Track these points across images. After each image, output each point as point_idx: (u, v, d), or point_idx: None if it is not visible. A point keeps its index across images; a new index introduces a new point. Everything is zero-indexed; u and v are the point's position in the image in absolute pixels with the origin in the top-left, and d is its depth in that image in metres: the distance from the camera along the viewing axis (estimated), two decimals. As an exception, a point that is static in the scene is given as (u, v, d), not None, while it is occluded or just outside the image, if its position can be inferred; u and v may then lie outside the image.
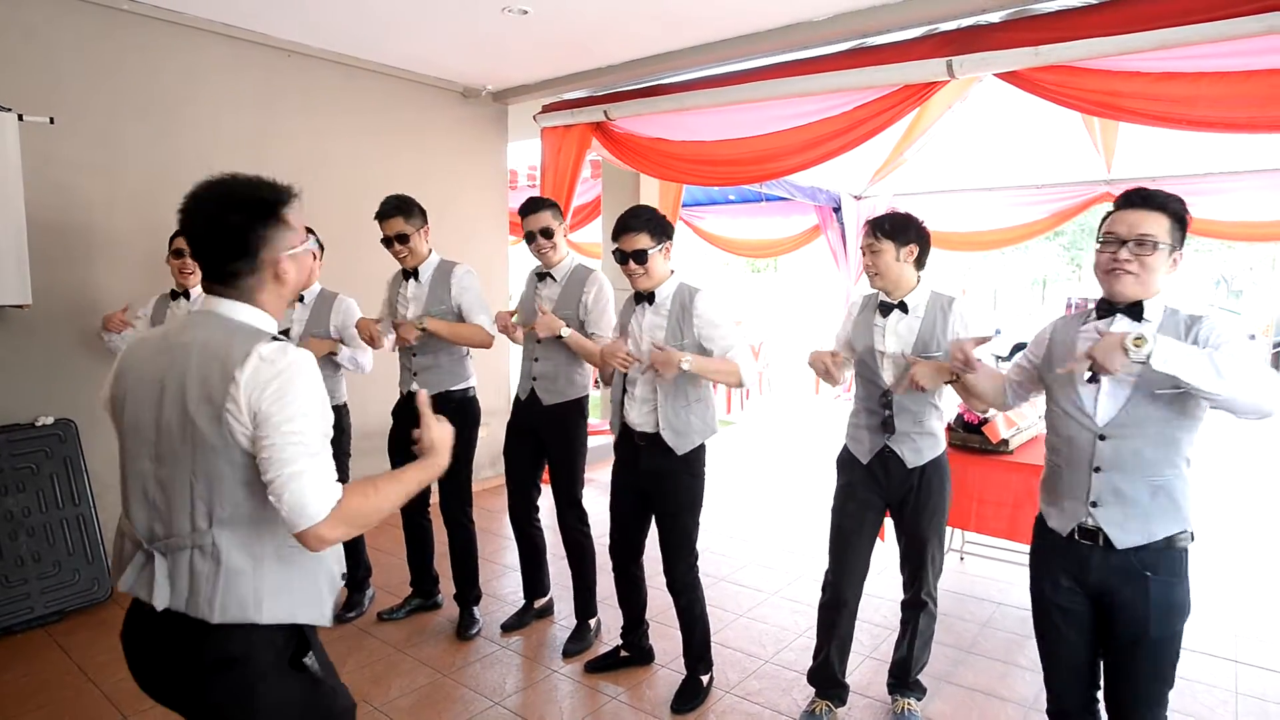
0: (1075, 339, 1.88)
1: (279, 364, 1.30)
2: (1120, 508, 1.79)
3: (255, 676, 1.34)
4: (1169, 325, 1.76)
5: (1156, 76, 3.07)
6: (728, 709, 2.77)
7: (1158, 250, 1.73)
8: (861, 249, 2.47)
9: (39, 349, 3.49)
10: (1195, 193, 6.37)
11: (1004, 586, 3.83)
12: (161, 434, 1.34)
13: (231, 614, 1.31)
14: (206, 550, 1.32)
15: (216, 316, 1.38)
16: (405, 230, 3.06)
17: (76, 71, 3.52)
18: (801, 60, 4.00)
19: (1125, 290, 1.77)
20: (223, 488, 1.32)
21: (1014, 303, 19.86)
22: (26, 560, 3.31)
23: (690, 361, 2.48)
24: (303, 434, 1.29)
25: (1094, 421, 1.80)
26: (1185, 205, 1.78)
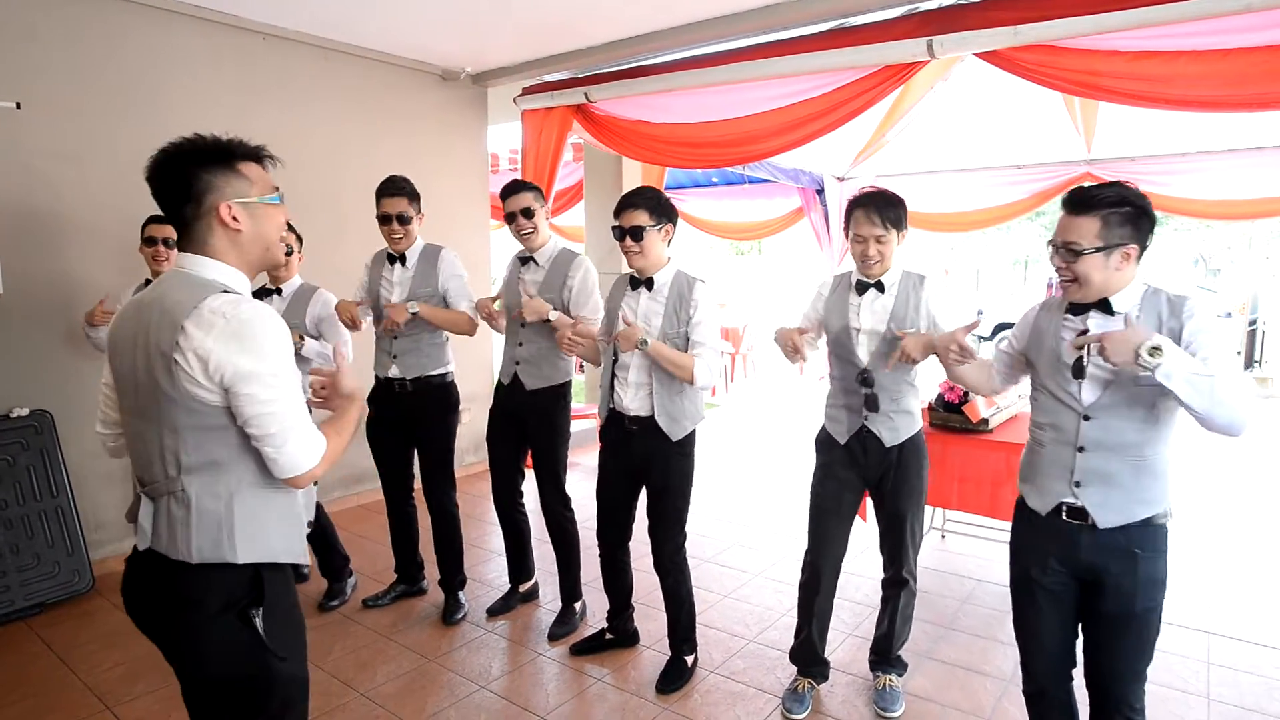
0: (1058, 328, 1.88)
1: (232, 316, 1.33)
2: (1103, 488, 1.81)
3: (204, 619, 1.40)
4: (1149, 306, 1.76)
5: (1134, 55, 3.08)
6: (712, 688, 2.80)
7: (1084, 256, 1.73)
8: (860, 237, 2.42)
9: (12, 339, 3.43)
10: (1173, 172, 6.43)
11: (984, 563, 3.89)
12: (136, 389, 1.40)
13: (207, 555, 1.38)
14: (179, 496, 1.38)
15: (182, 273, 1.42)
16: (408, 211, 3.04)
17: (44, 56, 3.43)
18: (782, 41, 3.98)
19: (1073, 296, 1.81)
20: (185, 436, 1.37)
21: (996, 283, 19.99)
22: (5, 553, 3.27)
23: (649, 344, 2.50)
24: (283, 389, 1.36)
25: (1079, 402, 1.82)
26: (1126, 196, 1.72)
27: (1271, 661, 2.95)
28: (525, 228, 3.00)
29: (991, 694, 2.75)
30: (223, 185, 1.41)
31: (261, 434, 1.36)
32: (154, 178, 1.41)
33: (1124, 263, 1.74)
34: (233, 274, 1.44)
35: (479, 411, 5.51)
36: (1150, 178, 6.41)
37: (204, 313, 1.33)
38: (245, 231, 1.44)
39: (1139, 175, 6.42)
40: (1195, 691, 2.75)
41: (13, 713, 2.63)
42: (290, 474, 1.40)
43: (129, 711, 2.61)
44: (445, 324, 3.11)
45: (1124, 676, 1.85)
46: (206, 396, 1.34)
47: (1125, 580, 1.79)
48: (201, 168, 1.40)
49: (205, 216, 1.41)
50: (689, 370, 2.52)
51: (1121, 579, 1.80)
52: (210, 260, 1.42)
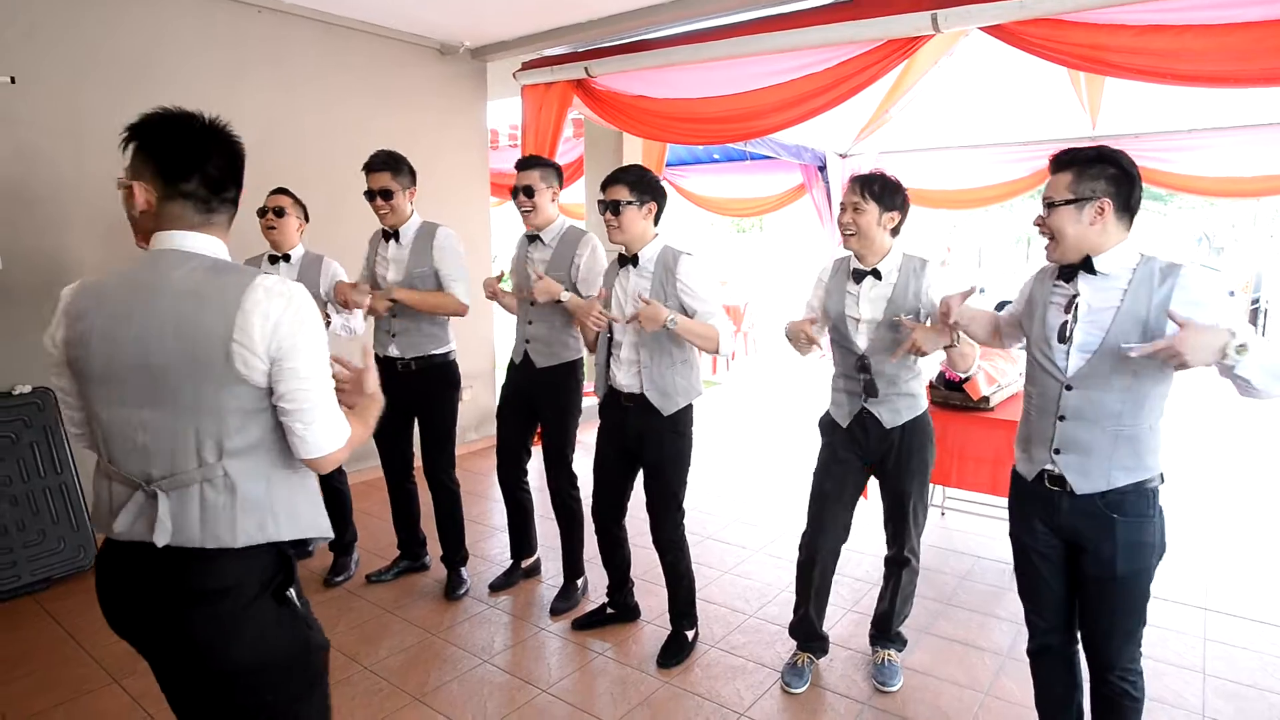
0: (1048, 294, 1.90)
1: (287, 296, 1.34)
2: (1080, 455, 1.83)
3: (238, 608, 1.36)
4: (1143, 273, 1.75)
5: (1141, 29, 3.05)
6: (712, 662, 2.83)
7: (1055, 209, 1.76)
8: (842, 204, 2.43)
9: (12, 316, 3.43)
10: (1178, 148, 6.38)
11: (984, 540, 3.91)
12: (152, 378, 1.32)
13: (253, 536, 1.36)
14: (217, 482, 1.34)
15: (184, 252, 1.37)
16: (390, 187, 3.00)
17: (38, 30, 3.39)
18: (785, 14, 3.93)
19: (1051, 255, 1.83)
20: (229, 420, 1.34)
21: (998, 261, 19.91)
22: (11, 529, 3.30)
23: (676, 320, 2.48)
24: (321, 372, 1.37)
25: (1062, 372, 1.84)
26: (1103, 153, 1.74)
27: (1267, 638, 2.98)
28: (524, 205, 2.98)
29: (989, 669, 2.78)
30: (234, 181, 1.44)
31: (294, 409, 1.34)
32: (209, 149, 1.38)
33: (1098, 218, 1.74)
34: (222, 246, 1.42)
35: (481, 389, 5.53)
36: (1155, 154, 6.36)
37: (259, 291, 1.31)
38: None
39: (1144, 152, 6.37)
40: (1191, 667, 2.78)
41: (23, 685, 2.66)
42: (316, 454, 1.38)
43: (135, 685, 2.64)
44: (429, 307, 3.07)
45: (1113, 636, 1.88)
46: (255, 377, 1.32)
47: (1104, 545, 1.82)
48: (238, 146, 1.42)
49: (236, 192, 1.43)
50: (715, 339, 2.53)
51: (1100, 544, 1.82)
52: (207, 236, 1.40)
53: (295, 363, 1.33)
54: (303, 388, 1.34)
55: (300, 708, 1.47)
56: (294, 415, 1.35)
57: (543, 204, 2.98)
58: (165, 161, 1.36)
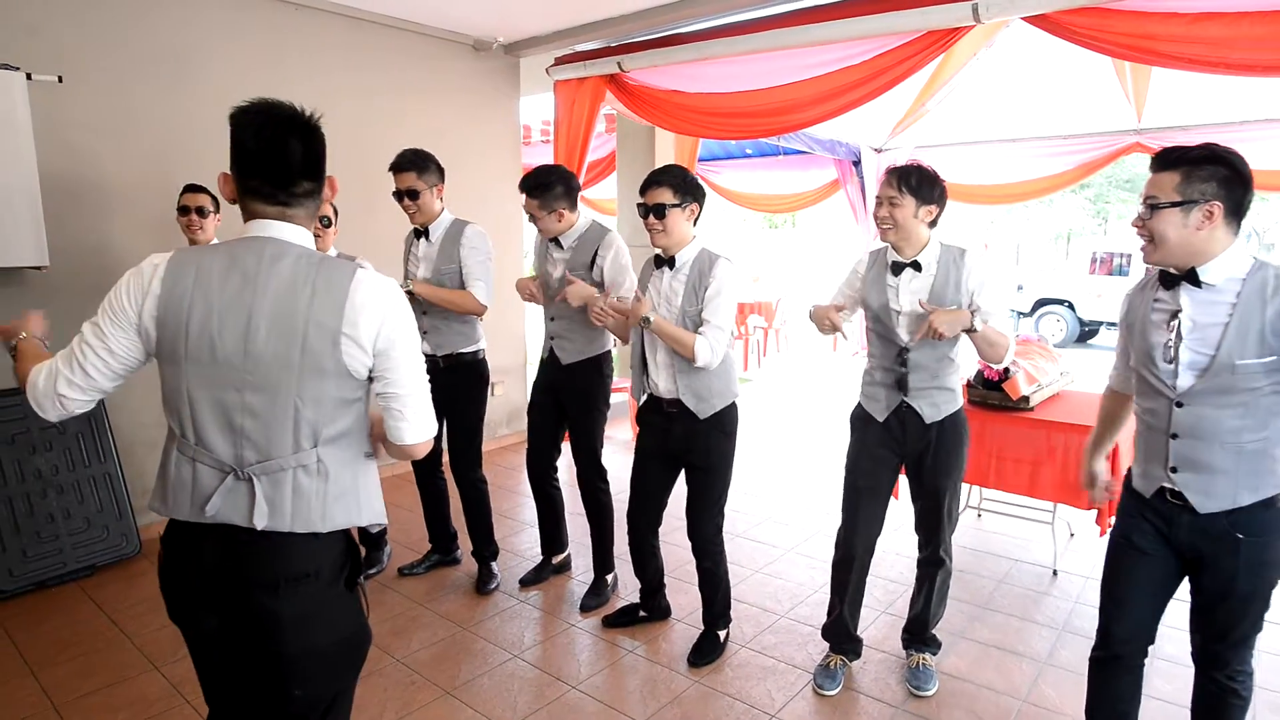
0: (1149, 308, 1.79)
1: (389, 290, 1.40)
2: (1198, 474, 1.73)
3: (318, 592, 1.40)
4: (1253, 284, 1.63)
5: (1194, 17, 2.94)
6: (743, 662, 2.80)
7: (1159, 211, 1.65)
8: (878, 198, 2.38)
9: (59, 310, 3.47)
10: (1229, 142, 6.12)
11: (1021, 543, 3.83)
12: (256, 363, 1.33)
13: (339, 521, 1.41)
14: (311, 468, 1.38)
15: (283, 242, 1.38)
16: (416, 186, 3.01)
17: (83, 30, 3.47)
18: (821, 6, 3.88)
19: (1149, 259, 1.72)
20: (328, 409, 1.37)
21: (1037, 258, 19.51)
22: (57, 517, 3.39)
23: (653, 320, 2.50)
24: (419, 362, 1.44)
25: (1171, 390, 1.74)
26: (1215, 152, 1.64)
27: None
28: (534, 223, 3.00)
29: (1027, 675, 2.71)
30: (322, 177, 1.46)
31: (402, 396, 1.40)
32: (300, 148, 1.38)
33: (1205, 222, 1.63)
34: (312, 239, 1.46)
35: (512, 384, 5.55)
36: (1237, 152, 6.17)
37: (365, 286, 1.36)
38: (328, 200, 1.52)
39: (1192, 145, 6.18)
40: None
41: (68, 669, 2.73)
42: (413, 441, 1.43)
43: (174, 672, 2.70)
44: (446, 303, 3.05)
45: (1225, 641, 1.80)
46: (356, 368, 1.37)
47: (1224, 562, 1.73)
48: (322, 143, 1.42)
49: (320, 187, 1.44)
50: (689, 348, 2.49)
51: (1220, 560, 1.73)
52: (295, 227, 1.41)
53: (399, 354, 1.39)
54: (406, 377, 1.41)
55: (345, 695, 1.52)
56: (403, 402, 1.41)
57: (546, 225, 2.96)
58: (238, 153, 1.39)
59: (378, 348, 1.37)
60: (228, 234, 3.39)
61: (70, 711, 2.49)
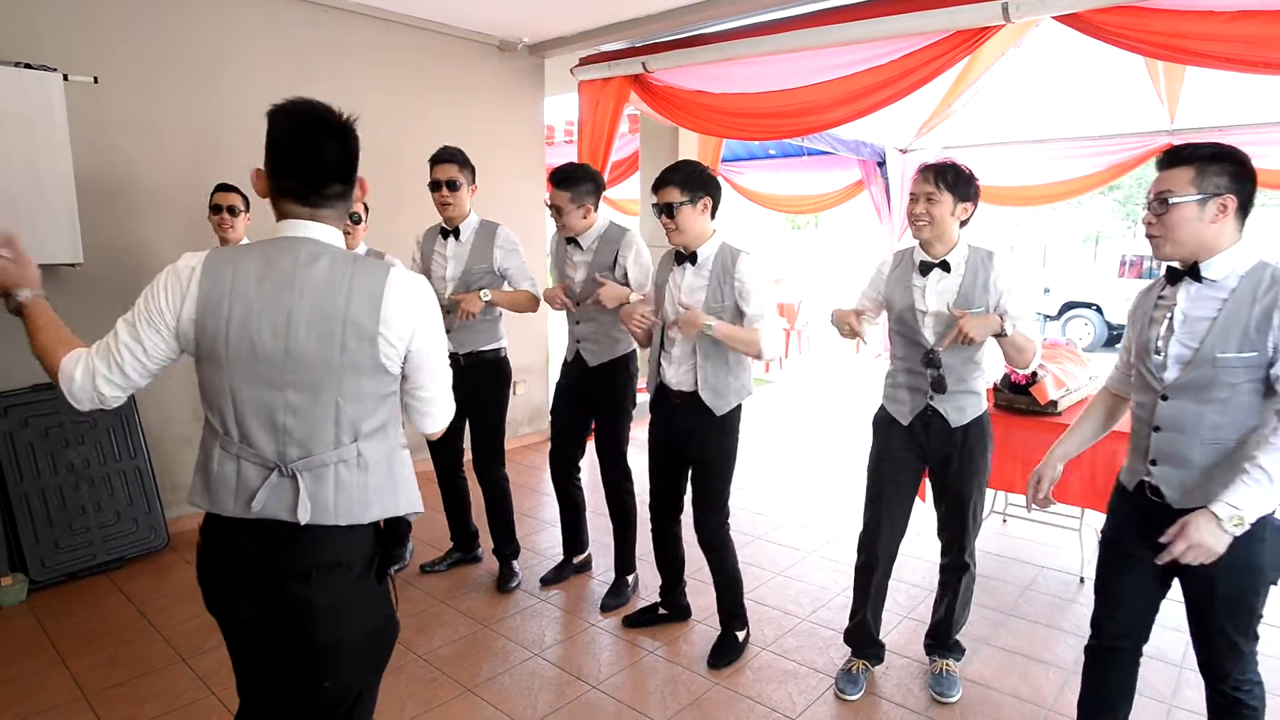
0: (1151, 304, 1.82)
1: (421, 289, 1.44)
2: (1176, 468, 1.75)
3: (349, 583, 1.43)
4: (1248, 283, 1.65)
5: (1230, 16, 2.88)
6: (764, 665, 2.79)
7: (1173, 205, 1.66)
8: (914, 194, 2.35)
9: (92, 307, 3.55)
10: (1267, 142, 6.04)
11: (1047, 550, 3.77)
12: (297, 363, 1.35)
13: (376, 512, 1.45)
14: (352, 462, 1.41)
15: (317, 242, 1.40)
16: (457, 178, 3.03)
17: (118, 31, 3.53)
18: (848, 6, 3.85)
19: (1160, 253, 1.74)
20: (367, 404, 1.41)
21: (1064, 260, 19.23)
22: (88, 509, 3.45)
23: (715, 326, 2.46)
24: (445, 358, 1.50)
25: (1159, 381, 1.76)
26: (1224, 149, 1.66)
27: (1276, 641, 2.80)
28: (556, 219, 2.99)
29: (1054, 683, 2.67)
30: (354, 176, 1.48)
31: (430, 393, 1.49)
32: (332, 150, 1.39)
33: (1220, 215, 1.65)
34: (342, 238, 1.47)
35: (534, 384, 5.57)
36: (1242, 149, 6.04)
37: (399, 286, 1.39)
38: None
39: (1227, 146, 6.06)
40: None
41: (97, 659, 2.78)
42: (434, 430, 1.54)
43: (201, 664, 2.74)
44: (513, 306, 3.10)
45: (1215, 648, 1.79)
46: (391, 365, 1.41)
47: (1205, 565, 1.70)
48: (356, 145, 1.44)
49: (351, 189, 1.45)
50: (756, 345, 2.48)
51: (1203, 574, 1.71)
52: (327, 227, 1.42)
53: (430, 353, 1.45)
54: (434, 376, 1.48)
55: (371, 689, 1.55)
56: (429, 395, 1.49)
57: (570, 221, 2.94)
58: (273, 152, 1.41)
59: (411, 347, 1.42)
60: (258, 232, 3.44)
61: (99, 701, 2.54)
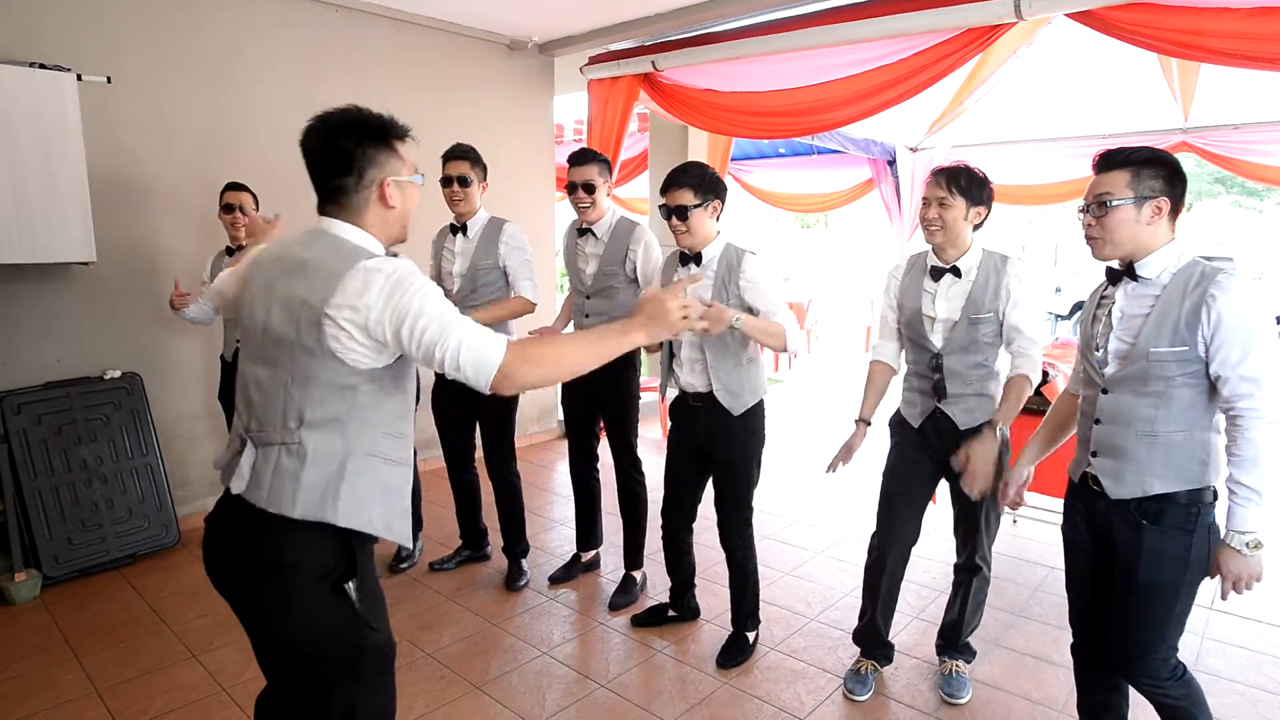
0: (1094, 307, 1.91)
1: (385, 270, 1.37)
2: (1114, 459, 1.82)
3: (294, 587, 1.40)
4: (1178, 280, 1.71)
5: (1247, 12, 2.85)
6: (773, 665, 2.78)
7: (1112, 208, 1.73)
8: (926, 199, 2.34)
9: (105, 305, 3.61)
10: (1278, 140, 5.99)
11: (1058, 550, 3.70)
12: (266, 338, 1.42)
13: (310, 512, 1.39)
14: (293, 449, 1.40)
15: (328, 235, 1.46)
16: (468, 174, 3.05)
17: (131, 31, 3.56)
18: (857, 4, 3.83)
19: (1100, 254, 1.81)
20: (314, 391, 1.39)
21: (1075, 260, 19.09)
22: (100, 506, 3.48)
23: (742, 320, 2.43)
24: (441, 311, 1.36)
25: (1101, 376, 1.83)
26: (1156, 153, 1.73)
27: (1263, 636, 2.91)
28: (584, 201, 3.00)
29: (1065, 685, 2.65)
30: (384, 162, 1.47)
31: (440, 356, 1.35)
32: (316, 146, 1.46)
33: (1155, 217, 1.72)
34: (376, 244, 1.49)
35: (542, 382, 5.57)
36: (1255, 146, 5.99)
37: (359, 273, 1.36)
38: (396, 208, 1.51)
39: (1242, 144, 6.01)
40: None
41: (109, 655, 2.80)
42: (490, 372, 1.36)
43: (211, 660, 2.75)
44: (507, 317, 3.11)
45: (1131, 643, 1.83)
46: (351, 356, 1.37)
47: (1129, 550, 1.80)
48: (368, 143, 1.46)
49: (365, 190, 1.46)
50: (782, 336, 2.47)
51: (1126, 548, 1.80)
52: (358, 229, 1.47)
53: (417, 312, 1.34)
54: (437, 324, 1.34)
55: (356, 699, 1.50)
56: (447, 347, 1.34)
57: (601, 199, 3.00)
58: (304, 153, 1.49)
59: (386, 334, 1.35)
60: None
61: (111, 696, 2.56)
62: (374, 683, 1.52)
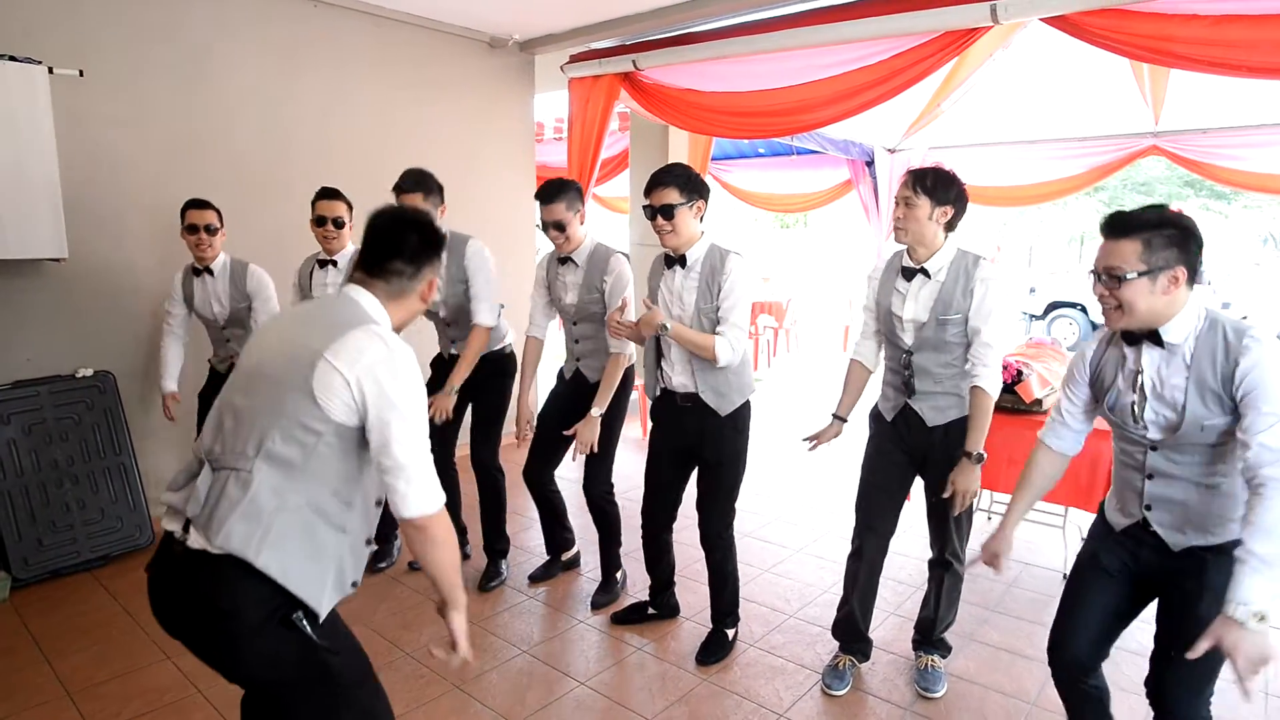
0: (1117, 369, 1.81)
1: (393, 344, 1.46)
2: (1172, 514, 1.76)
3: (241, 631, 1.40)
4: (1204, 343, 1.66)
5: (1215, 19, 2.91)
6: (752, 661, 2.80)
7: (1127, 282, 1.63)
8: (895, 199, 2.39)
9: (77, 302, 3.55)
10: (1249, 145, 6.11)
11: (1032, 547, 3.81)
12: (258, 371, 1.48)
13: (234, 544, 1.36)
14: (241, 476, 1.40)
15: (350, 299, 1.55)
16: (422, 208, 2.96)
17: (104, 24, 3.50)
18: (837, 6, 3.86)
19: (1118, 325, 1.72)
20: (282, 423, 1.40)
21: (1050, 261, 19.37)
22: (72, 507, 3.42)
23: (670, 328, 2.50)
24: (421, 427, 1.46)
25: (1143, 438, 1.78)
26: (1166, 217, 1.63)
27: None
28: (558, 239, 2.95)
29: (1037, 678, 2.70)
30: (436, 265, 1.63)
31: (394, 465, 1.42)
32: (387, 229, 1.59)
33: (1172, 287, 1.63)
34: (388, 320, 1.57)
35: (522, 381, 5.56)
36: (1222, 151, 6.11)
37: (370, 334, 1.45)
38: (424, 305, 1.65)
39: (1210, 148, 6.12)
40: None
41: (81, 658, 2.76)
42: (417, 513, 1.44)
43: (187, 662, 2.72)
44: (474, 357, 3.07)
45: (1180, 688, 1.79)
46: (328, 402, 1.40)
47: (1189, 582, 1.73)
48: (433, 246, 1.61)
49: (415, 280, 1.59)
50: (710, 349, 2.49)
51: (1185, 580, 1.75)
52: (380, 305, 1.56)
53: (395, 416, 1.42)
54: (405, 441, 1.42)
55: (336, 708, 1.51)
56: (397, 472, 1.42)
57: (574, 231, 2.93)
58: None
59: (358, 396, 1.40)
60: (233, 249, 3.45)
61: (84, 699, 2.52)
62: (352, 694, 1.52)
